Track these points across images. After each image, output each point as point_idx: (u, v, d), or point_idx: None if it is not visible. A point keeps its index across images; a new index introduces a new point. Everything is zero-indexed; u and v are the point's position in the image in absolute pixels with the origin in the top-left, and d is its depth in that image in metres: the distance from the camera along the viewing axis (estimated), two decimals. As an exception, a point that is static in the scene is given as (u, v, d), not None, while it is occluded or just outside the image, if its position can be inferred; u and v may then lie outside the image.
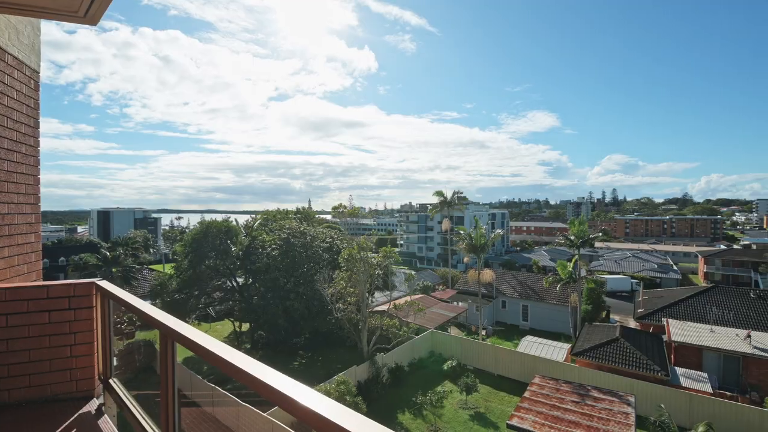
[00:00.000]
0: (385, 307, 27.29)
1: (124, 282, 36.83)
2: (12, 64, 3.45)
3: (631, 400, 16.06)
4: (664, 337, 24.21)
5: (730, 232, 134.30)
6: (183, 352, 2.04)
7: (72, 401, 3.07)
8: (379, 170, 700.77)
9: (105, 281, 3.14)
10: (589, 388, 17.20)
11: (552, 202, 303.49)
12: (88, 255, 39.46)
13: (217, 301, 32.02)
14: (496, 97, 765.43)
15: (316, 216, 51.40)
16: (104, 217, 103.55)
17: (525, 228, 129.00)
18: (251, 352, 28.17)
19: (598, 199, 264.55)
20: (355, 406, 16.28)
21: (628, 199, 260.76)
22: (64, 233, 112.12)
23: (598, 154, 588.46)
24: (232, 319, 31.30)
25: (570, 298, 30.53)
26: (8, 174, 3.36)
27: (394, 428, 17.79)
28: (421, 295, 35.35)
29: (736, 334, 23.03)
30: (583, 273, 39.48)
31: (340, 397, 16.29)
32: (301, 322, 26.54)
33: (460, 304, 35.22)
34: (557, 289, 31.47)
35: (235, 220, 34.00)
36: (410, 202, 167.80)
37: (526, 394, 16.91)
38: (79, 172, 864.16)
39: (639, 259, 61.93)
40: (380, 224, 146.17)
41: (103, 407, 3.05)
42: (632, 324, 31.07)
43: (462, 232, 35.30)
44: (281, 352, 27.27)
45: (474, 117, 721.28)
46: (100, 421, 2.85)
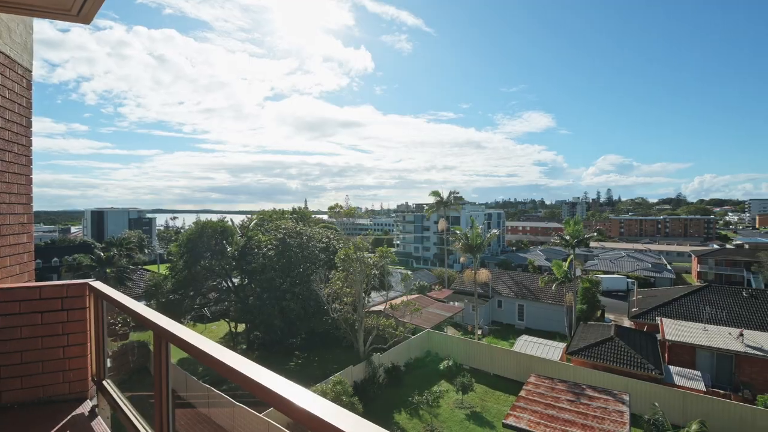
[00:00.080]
0: (381, 307, 27.29)
1: (119, 283, 36.55)
2: (4, 63, 3.41)
3: (626, 398, 16.17)
4: (658, 336, 24.38)
5: (723, 232, 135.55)
6: (178, 353, 2.02)
7: (65, 403, 3.04)
8: (376, 170, 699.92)
9: (98, 282, 3.11)
10: (584, 387, 17.30)
11: (547, 202, 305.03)
12: (82, 255, 39.15)
13: (213, 302, 31.86)
14: (492, 98, 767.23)
15: (313, 216, 51.40)
16: (98, 217, 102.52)
17: (521, 228, 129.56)
18: (247, 352, 28.06)
19: (593, 199, 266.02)
20: (351, 406, 16.27)
21: (623, 199, 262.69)
22: (57, 233, 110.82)
23: (593, 155, 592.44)
24: (227, 320, 31.12)
25: (565, 298, 30.70)
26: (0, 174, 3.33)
27: (390, 428, 17.81)
28: (417, 295, 35.36)
29: (729, 333, 23.24)
30: (578, 272, 39.74)
31: (337, 398, 16.27)
32: (298, 322, 26.46)
33: (457, 303, 35.29)
34: (553, 288, 31.63)
35: (231, 221, 33.81)
36: (407, 202, 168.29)
37: (522, 394, 16.99)
38: (73, 171, 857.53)
39: (633, 258, 62.39)
40: (377, 224, 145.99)
41: (97, 409, 3.02)
42: (627, 323, 31.28)
43: (458, 232, 35.38)
44: (277, 353, 27.18)
45: (470, 117, 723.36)
46: (93, 423, 2.82)
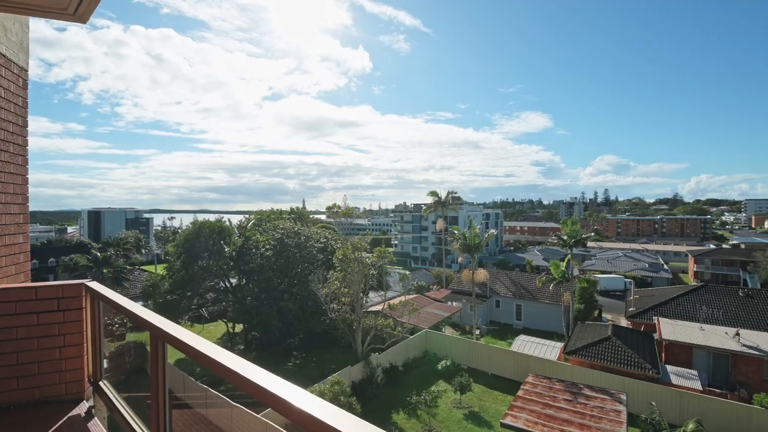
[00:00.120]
0: (379, 307, 27.31)
1: (116, 283, 36.43)
2: (0, 62, 3.39)
3: (623, 398, 16.21)
4: (655, 336, 24.48)
5: (720, 232, 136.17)
6: (176, 354, 2.02)
7: (61, 404, 3.02)
8: (374, 170, 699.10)
9: (95, 282, 3.09)
10: (582, 387, 17.33)
11: (545, 203, 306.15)
12: (79, 256, 38.95)
13: (210, 302, 31.76)
14: (490, 98, 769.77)
15: (311, 216, 51.31)
16: (95, 217, 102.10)
17: (518, 228, 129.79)
18: (245, 353, 28.01)
19: (590, 200, 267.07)
20: (349, 406, 16.25)
21: (620, 200, 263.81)
22: (53, 234, 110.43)
23: (590, 155, 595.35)
24: (225, 320, 31.05)
25: (563, 298, 30.80)
26: (-5, 173, 3.31)
27: (388, 428, 17.81)
28: (415, 295, 35.37)
29: (725, 332, 23.36)
30: (576, 272, 39.84)
31: (335, 398, 16.24)
32: (295, 322, 26.41)
33: (455, 303, 35.32)
34: (550, 288, 31.69)
35: (229, 221, 33.72)
36: (405, 202, 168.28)
37: (520, 393, 17.00)
38: (70, 171, 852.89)
39: (630, 258, 62.67)
40: (375, 224, 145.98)
41: (93, 410, 3.00)
42: (624, 323, 31.40)
43: (456, 232, 35.39)
44: (275, 353, 27.12)
45: (468, 117, 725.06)
46: (89, 424, 2.81)
